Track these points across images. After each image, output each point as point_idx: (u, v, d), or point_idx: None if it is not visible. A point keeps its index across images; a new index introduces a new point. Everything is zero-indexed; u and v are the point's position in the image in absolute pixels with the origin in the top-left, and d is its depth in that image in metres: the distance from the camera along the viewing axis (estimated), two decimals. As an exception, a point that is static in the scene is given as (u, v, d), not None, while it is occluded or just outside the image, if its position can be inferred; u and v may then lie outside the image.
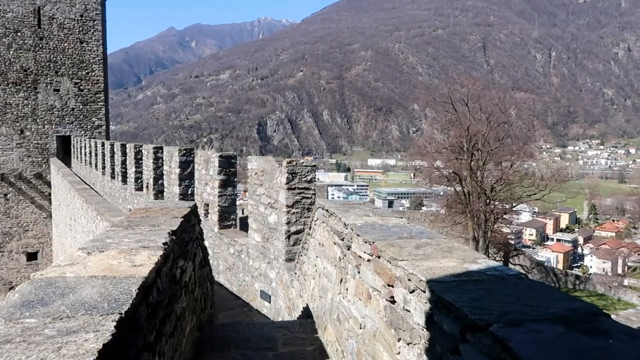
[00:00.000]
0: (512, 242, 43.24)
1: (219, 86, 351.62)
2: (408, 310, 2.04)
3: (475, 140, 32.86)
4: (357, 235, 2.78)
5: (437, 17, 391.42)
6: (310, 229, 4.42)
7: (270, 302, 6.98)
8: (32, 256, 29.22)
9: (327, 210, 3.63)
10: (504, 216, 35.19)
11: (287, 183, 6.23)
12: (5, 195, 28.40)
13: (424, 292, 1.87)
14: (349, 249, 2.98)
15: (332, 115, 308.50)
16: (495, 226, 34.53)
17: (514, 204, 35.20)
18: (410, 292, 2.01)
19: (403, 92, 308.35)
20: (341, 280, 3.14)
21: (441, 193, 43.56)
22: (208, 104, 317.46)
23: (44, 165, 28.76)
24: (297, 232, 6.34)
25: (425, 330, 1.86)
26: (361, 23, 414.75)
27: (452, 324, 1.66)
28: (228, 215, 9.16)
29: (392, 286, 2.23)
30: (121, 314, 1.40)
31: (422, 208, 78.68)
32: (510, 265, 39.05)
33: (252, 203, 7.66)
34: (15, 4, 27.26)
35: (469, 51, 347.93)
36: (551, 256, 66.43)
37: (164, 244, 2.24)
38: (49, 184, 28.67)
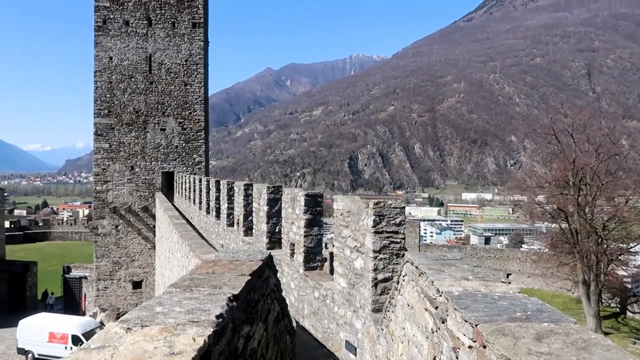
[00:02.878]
0: (630, 286, 38.56)
1: (312, 122, 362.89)
2: None
3: (583, 173, 30.24)
4: (454, 309, 2.23)
5: (535, 45, 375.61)
6: (397, 283, 3.91)
7: (355, 355, 6.44)
8: (137, 285, 30.97)
9: (416, 267, 3.11)
10: (619, 257, 31.59)
11: (373, 226, 5.75)
12: (117, 227, 30.58)
13: None
14: (443, 323, 2.43)
15: (424, 149, 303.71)
16: (608, 268, 31.12)
17: (630, 244, 31.49)
18: (535, 417, 1.44)
19: (499, 124, 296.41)
20: (434, 358, 2.58)
21: (544, 230, 40.44)
22: (301, 140, 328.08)
23: (150, 199, 30.71)
24: (385, 279, 5.81)
25: None
26: (453, 55, 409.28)
27: None
28: (314, 256, 8.83)
29: (506, 396, 1.65)
30: None
31: (523, 246, 73.49)
32: (629, 314, 34.69)
33: (338, 245, 7.26)
34: (130, 53, 30.02)
35: (571, 79, 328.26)
36: (679, 304, 58.22)
37: (218, 316, 1.89)
38: (153, 216, 30.51)
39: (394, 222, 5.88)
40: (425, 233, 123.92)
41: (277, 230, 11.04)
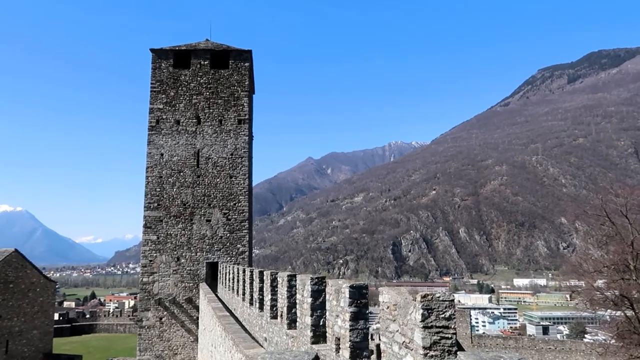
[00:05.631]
0: None
1: (353, 209, 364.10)
2: None
3: (644, 256, 28.35)
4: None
5: (576, 125, 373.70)
6: (452, 385, 3.69)
7: None
8: (178, 380, 30.19)
9: (471, 370, 2.96)
10: (699, 350, 28.55)
11: (422, 320, 5.53)
12: (161, 319, 30.53)
13: None
14: None
15: (470, 233, 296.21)
16: (689, 363, 28.04)
17: None
18: None
19: (547, 205, 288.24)
20: None
21: (608, 318, 37.43)
22: (343, 226, 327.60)
23: (194, 290, 30.82)
24: (438, 379, 5.48)
25: None
26: (493, 139, 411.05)
27: None
28: (360, 352, 8.45)
29: None
30: None
31: (586, 336, 68.03)
32: None
33: (385, 341, 6.97)
34: (180, 149, 31.80)
35: (618, 158, 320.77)
36: None
37: None
38: (197, 308, 30.39)
39: (443, 316, 5.65)
40: (476, 322, 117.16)
41: (321, 323, 10.74)
